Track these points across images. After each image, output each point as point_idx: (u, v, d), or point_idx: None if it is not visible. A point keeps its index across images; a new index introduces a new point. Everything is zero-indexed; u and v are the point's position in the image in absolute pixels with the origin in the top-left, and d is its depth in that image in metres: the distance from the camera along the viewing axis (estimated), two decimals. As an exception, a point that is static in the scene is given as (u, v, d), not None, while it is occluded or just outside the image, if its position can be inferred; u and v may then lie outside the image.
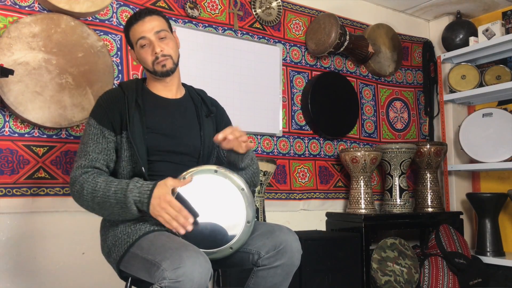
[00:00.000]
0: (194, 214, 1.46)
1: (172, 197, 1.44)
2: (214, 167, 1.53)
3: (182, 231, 1.44)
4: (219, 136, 1.53)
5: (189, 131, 1.70)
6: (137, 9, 2.53)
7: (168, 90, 1.74)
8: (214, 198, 1.51)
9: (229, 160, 1.66)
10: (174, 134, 1.66)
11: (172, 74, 1.70)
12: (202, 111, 1.76)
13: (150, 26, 1.65)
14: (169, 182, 1.46)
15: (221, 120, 1.83)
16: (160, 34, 1.66)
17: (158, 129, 1.65)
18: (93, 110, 1.66)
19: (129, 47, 1.75)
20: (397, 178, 3.27)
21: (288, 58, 3.14)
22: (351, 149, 3.11)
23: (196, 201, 1.48)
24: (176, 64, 1.71)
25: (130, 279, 1.63)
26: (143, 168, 1.57)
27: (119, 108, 1.62)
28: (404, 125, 3.73)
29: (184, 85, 1.83)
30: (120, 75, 2.44)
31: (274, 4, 3.07)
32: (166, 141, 1.64)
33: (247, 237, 1.53)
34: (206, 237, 1.49)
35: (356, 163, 3.07)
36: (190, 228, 1.44)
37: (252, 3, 2.99)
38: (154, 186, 1.45)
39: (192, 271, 1.29)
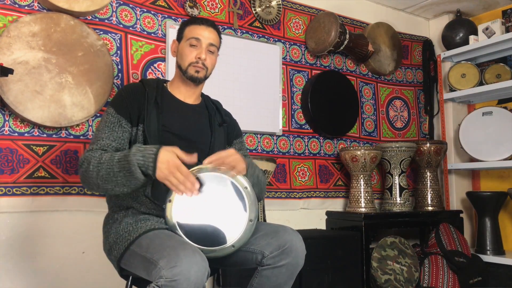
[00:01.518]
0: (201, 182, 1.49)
1: (180, 162, 1.45)
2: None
3: (189, 195, 1.46)
4: (205, 161, 1.55)
5: (200, 135, 1.75)
6: (136, 8, 2.53)
7: (188, 96, 1.80)
8: (217, 196, 1.52)
9: None
10: (186, 137, 1.71)
11: (198, 84, 1.79)
12: (215, 119, 1.82)
13: (209, 35, 1.76)
14: (177, 150, 1.48)
15: (232, 130, 1.89)
16: (211, 47, 1.77)
17: (172, 129, 1.69)
18: (113, 99, 1.72)
19: (175, 39, 1.82)
20: (397, 177, 3.27)
21: (288, 57, 3.14)
22: (351, 148, 3.11)
23: (199, 199, 1.49)
24: (205, 78, 1.79)
25: (130, 278, 1.63)
26: None
27: (139, 102, 1.67)
28: (404, 124, 3.73)
29: (201, 94, 1.89)
30: (120, 74, 2.43)
31: (273, 3, 3.06)
32: (178, 142, 1.67)
33: (249, 235, 1.53)
34: (209, 235, 1.49)
35: (356, 162, 3.07)
36: (196, 193, 1.46)
37: (251, 1, 2.98)
38: (159, 149, 1.46)
39: (189, 270, 1.29)
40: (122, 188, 1.50)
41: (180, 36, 1.80)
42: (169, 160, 1.44)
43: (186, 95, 1.80)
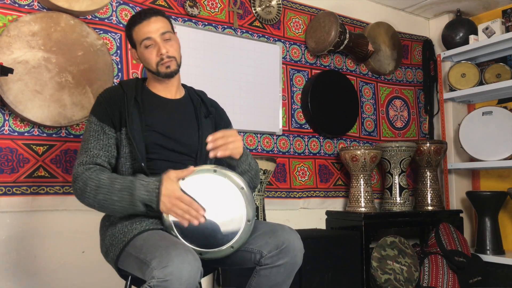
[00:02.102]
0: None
1: (181, 192, 1.45)
2: (213, 167, 1.53)
3: (196, 223, 1.45)
4: (209, 139, 1.53)
5: (187, 131, 1.71)
6: (137, 8, 2.52)
7: (168, 91, 1.75)
8: (214, 197, 1.51)
9: (227, 163, 1.67)
10: (172, 133, 1.68)
11: (174, 76, 1.72)
12: (201, 111, 1.78)
13: (155, 27, 1.65)
14: (173, 175, 1.47)
15: (220, 121, 1.84)
16: (165, 35, 1.66)
17: (157, 128, 1.66)
18: (93, 107, 1.68)
19: (130, 46, 1.75)
20: (397, 177, 3.27)
21: (288, 57, 3.14)
22: (351, 148, 3.11)
23: (196, 200, 1.49)
24: (179, 66, 1.72)
25: (130, 277, 1.63)
26: (142, 164, 1.58)
27: (119, 105, 1.64)
28: (404, 124, 3.73)
29: (184, 86, 1.85)
30: (120, 74, 2.43)
31: (274, 2, 3.06)
32: (164, 140, 1.65)
33: (248, 236, 1.53)
34: (207, 237, 1.49)
35: (356, 161, 3.07)
36: (202, 219, 1.46)
37: (251, 1, 2.98)
38: (160, 183, 1.46)
39: (181, 269, 1.28)
40: (118, 214, 1.54)
41: (132, 43, 1.71)
42: (170, 193, 1.44)
43: (166, 91, 1.75)
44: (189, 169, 1.49)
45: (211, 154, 1.52)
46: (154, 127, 1.65)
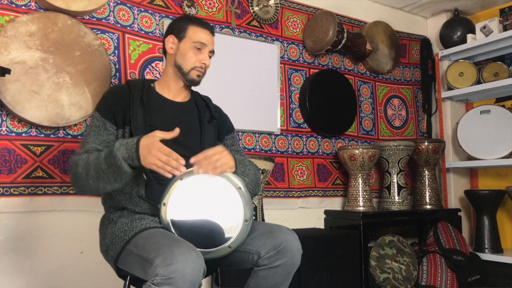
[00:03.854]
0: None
1: (160, 143, 1.45)
2: None
3: (177, 173, 1.46)
4: (191, 161, 1.52)
5: (189, 133, 1.73)
6: (134, 8, 2.52)
7: (177, 94, 1.80)
8: (211, 197, 1.51)
9: None
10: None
11: (193, 86, 1.82)
12: (204, 116, 1.81)
13: (211, 41, 1.81)
14: (158, 133, 1.48)
15: (223, 126, 1.87)
16: (211, 54, 1.82)
17: (160, 128, 1.65)
18: (98, 103, 1.72)
19: (173, 35, 1.79)
20: (395, 176, 3.27)
21: (285, 56, 3.14)
22: (349, 147, 3.11)
23: (193, 200, 1.48)
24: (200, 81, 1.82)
25: (128, 277, 1.63)
26: None
27: (124, 103, 1.67)
28: (402, 123, 3.74)
29: (190, 90, 1.89)
30: (117, 74, 2.43)
31: (271, 2, 3.06)
32: (166, 141, 1.65)
33: (245, 236, 1.53)
34: (205, 237, 1.49)
35: (354, 160, 3.07)
36: (183, 169, 1.46)
37: (249, 1, 2.98)
38: (139, 138, 1.47)
39: (184, 267, 1.29)
40: (113, 184, 1.52)
41: (181, 35, 1.77)
42: (148, 144, 1.45)
43: (175, 93, 1.80)
44: (175, 130, 1.51)
45: (200, 171, 1.51)
46: (158, 127, 1.65)
